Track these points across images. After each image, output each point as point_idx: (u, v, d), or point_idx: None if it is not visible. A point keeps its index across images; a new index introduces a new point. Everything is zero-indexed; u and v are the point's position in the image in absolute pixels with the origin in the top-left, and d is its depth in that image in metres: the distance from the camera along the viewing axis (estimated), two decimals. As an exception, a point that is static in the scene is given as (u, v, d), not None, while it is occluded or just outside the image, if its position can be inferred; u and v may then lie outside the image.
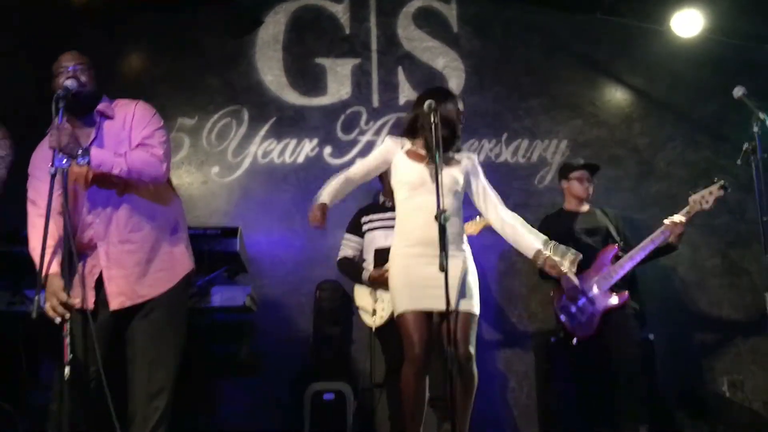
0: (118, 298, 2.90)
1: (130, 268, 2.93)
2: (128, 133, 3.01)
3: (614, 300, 4.21)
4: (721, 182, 4.16)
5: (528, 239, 3.33)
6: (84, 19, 5.16)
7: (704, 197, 4.17)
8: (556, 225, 4.52)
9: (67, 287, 2.72)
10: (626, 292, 4.24)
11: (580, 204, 4.59)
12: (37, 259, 2.79)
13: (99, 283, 2.92)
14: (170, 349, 2.98)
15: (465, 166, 3.38)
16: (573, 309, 4.27)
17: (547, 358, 4.78)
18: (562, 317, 4.32)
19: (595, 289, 4.24)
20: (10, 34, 4.74)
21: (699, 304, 5.22)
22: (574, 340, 4.25)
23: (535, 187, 5.39)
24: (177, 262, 3.07)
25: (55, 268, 2.80)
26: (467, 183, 3.41)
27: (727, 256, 5.27)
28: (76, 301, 2.78)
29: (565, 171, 4.69)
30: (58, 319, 2.71)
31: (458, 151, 3.43)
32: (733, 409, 4.82)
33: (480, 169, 3.47)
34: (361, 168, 3.46)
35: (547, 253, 3.26)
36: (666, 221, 4.24)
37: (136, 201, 2.98)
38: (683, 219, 4.18)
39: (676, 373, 4.96)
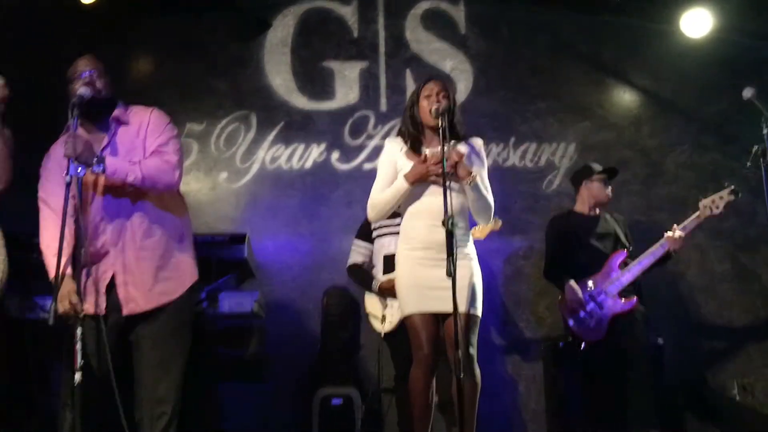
0: (130, 304, 2.95)
1: (142, 275, 2.97)
2: (142, 140, 3.04)
3: (623, 304, 4.20)
4: (732, 187, 4.15)
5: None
6: (91, 23, 5.17)
7: (714, 202, 4.16)
8: (565, 227, 4.50)
9: (79, 291, 2.74)
10: (635, 297, 4.23)
11: (592, 208, 4.56)
12: (48, 255, 2.90)
13: (109, 288, 2.95)
14: (175, 354, 3.01)
15: (466, 158, 3.29)
16: (581, 313, 4.26)
17: (554, 362, 4.77)
18: (570, 322, 4.31)
19: (603, 294, 4.23)
20: (16, 38, 4.77)
21: (708, 308, 5.20)
22: (583, 345, 4.24)
23: (542, 191, 5.37)
24: (184, 270, 3.10)
25: (68, 270, 2.82)
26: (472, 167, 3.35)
27: (736, 260, 5.24)
28: (87, 306, 2.80)
29: (586, 173, 4.59)
30: (79, 313, 2.74)
31: (462, 138, 3.37)
32: (744, 413, 4.80)
33: (481, 157, 3.37)
34: (383, 185, 3.35)
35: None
36: (667, 234, 4.22)
37: (149, 208, 3.02)
38: (682, 234, 4.18)
39: (685, 377, 4.94)
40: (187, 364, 3.03)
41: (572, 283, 4.28)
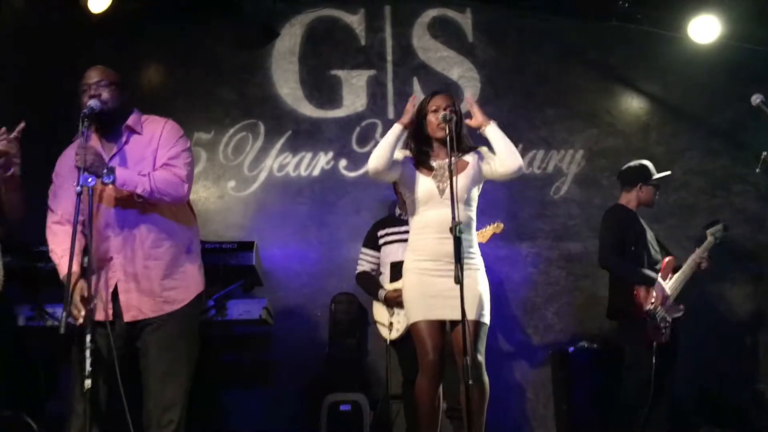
0: (131, 312, 2.95)
1: (146, 283, 2.97)
2: (153, 151, 3.04)
3: (680, 309, 4.22)
4: (724, 224, 4.44)
5: None
6: (99, 33, 5.21)
7: (716, 233, 4.37)
8: (626, 218, 4.37)
9: (90, 297, 2.75)
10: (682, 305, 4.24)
11: (637, 209, 4.45)
12: (56, 260, 2.93)
13: (114, 295, 2.96)
14: (182, 362, 3.00)
15: (472, 167, 3.34)
16: (657, 316, 4.16)
17: (563, 368, 4.75)
18: (649, 320, 4.14)
19: (669, 298, 4.21)
20: (27, 48, 4.80)
21: (719, 315, 5.18)
22: (654, 345, 4.10)
23: (550, 197, 5.37)
24: (191, 280, 3.10)
25: (74, 267, 2.81)
26: (480, 177, 3.37)
27: (746, 266, 5.22)
28: (96, 314, 2.81)
29: (645, 175, 4.44)
30: (80, 321, 2.74)
31: (468, 150, 3.38)
32: (755, 419, 4.77)
33: (487, 154, 3.38)
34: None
35: None
36: (695, 259, 4.31)
37: (157, 219, 3.02)
38: (705, 255, 4.33)
39: (697, 384, 4.91)
40: (193, 371, 3.03)
41: (661, 280, 4.21)
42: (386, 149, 3.23)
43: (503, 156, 3.26)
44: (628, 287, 4.20)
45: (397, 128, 3.27)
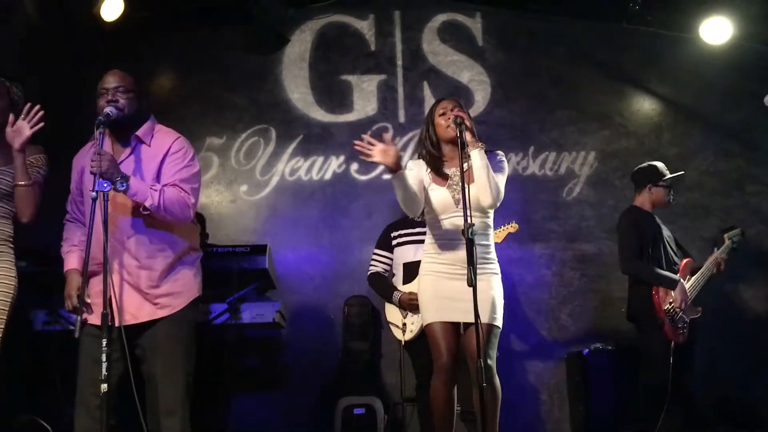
0: (124, 315, 2.95)
1: (140, 290, 2.98)
2: (158, 163, 3.05)
3: (698, 311, 4.21)
4: (740, 229, 4.51)
5: None
6: (111, 40, 5.24)
7: (734, 236, 4.43)
8: (642, 220, 4.33)
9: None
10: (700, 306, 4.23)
11: (651, 209, 4.41)
12: (62, 253, 3.09)
13: (111, 300, 2.98)
14: (177, 367, 2.99)
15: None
16: (676, 315, 4.14)
17: (578, 370, 4.72)
18: (667, 321, 4.12)
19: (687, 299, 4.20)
20: (40, 56, 4.85)
21: (735, 315, 5.14)
22: (672, 345, 4.08)
23: (563, 199, 5.36)
24: (186, 286, 3.10)
25: (77, 265, 2.97)
26: None
27: (761, 266, 5.19)
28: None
29: (655, 177, 4.39)
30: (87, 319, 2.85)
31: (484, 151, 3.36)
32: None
33: (500, 167, 3.33)
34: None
35: None
36: (714, 261, 4.32)
37: (157, 231, 3.03)
38: (724, 257, 4.36)
39: (713, 385, 4.87)
40: (192, 376, 3.02)
41: (683, 282, 4.19)
42: (404, 197, 3.15)
43: (480, 187, 3.16)
44: (647, 289, 4.18)
45: (395, 180, 3.10)
